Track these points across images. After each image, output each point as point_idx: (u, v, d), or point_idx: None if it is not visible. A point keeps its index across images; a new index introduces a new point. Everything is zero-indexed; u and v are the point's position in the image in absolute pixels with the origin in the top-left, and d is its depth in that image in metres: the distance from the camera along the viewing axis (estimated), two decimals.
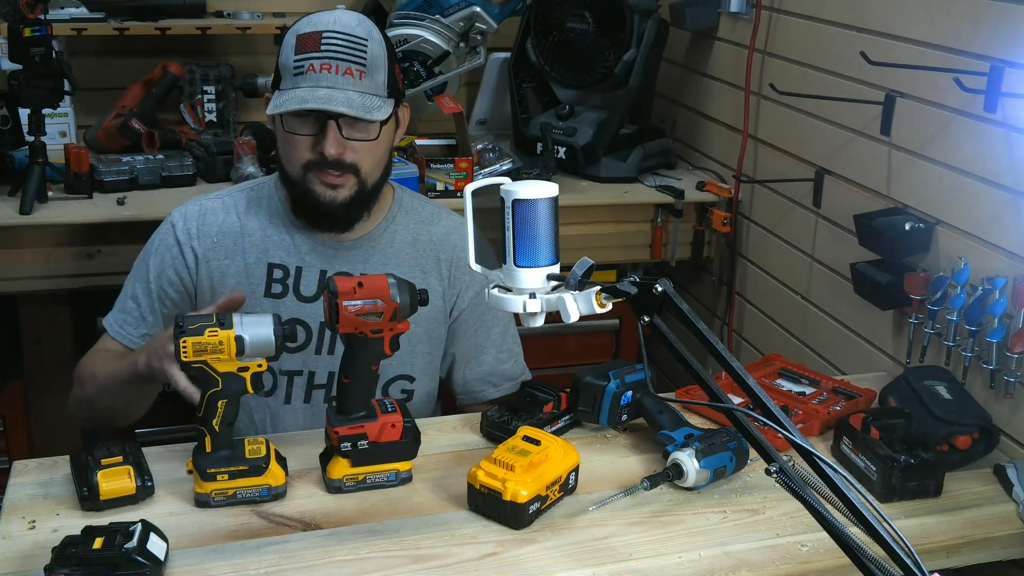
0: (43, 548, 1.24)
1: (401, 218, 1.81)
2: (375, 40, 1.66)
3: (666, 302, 1.18)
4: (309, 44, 1.63)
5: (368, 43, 1.64)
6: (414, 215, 1.82)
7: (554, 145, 2.73)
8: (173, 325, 1.38)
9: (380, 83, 1.65)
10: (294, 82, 1.62)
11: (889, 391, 1.74)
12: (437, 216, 1.85)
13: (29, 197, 2.25)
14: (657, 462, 1.56)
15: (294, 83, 1.62)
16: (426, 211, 1.85)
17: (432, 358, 1.84)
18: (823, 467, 1.09)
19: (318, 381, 1.77)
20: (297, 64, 1.62)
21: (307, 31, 1.64)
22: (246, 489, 1.40)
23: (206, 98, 2.83)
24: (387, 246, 1.78)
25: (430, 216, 1.84)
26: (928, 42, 1.89)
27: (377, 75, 1.65)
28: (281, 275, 1.75)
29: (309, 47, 1.62)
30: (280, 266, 1.75)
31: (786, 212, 2.43)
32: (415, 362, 1.80)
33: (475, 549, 1.33)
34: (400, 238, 1.79)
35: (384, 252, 1.77)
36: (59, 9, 2.57)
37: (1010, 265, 1.70)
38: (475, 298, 1.83)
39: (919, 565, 1.04)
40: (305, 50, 1.62)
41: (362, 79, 1.62)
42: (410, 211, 1.82)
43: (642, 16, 2.66)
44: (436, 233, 1.82)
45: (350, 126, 1.63)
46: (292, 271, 1.75)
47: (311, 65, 1.61)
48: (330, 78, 1.61)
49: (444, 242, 1.82)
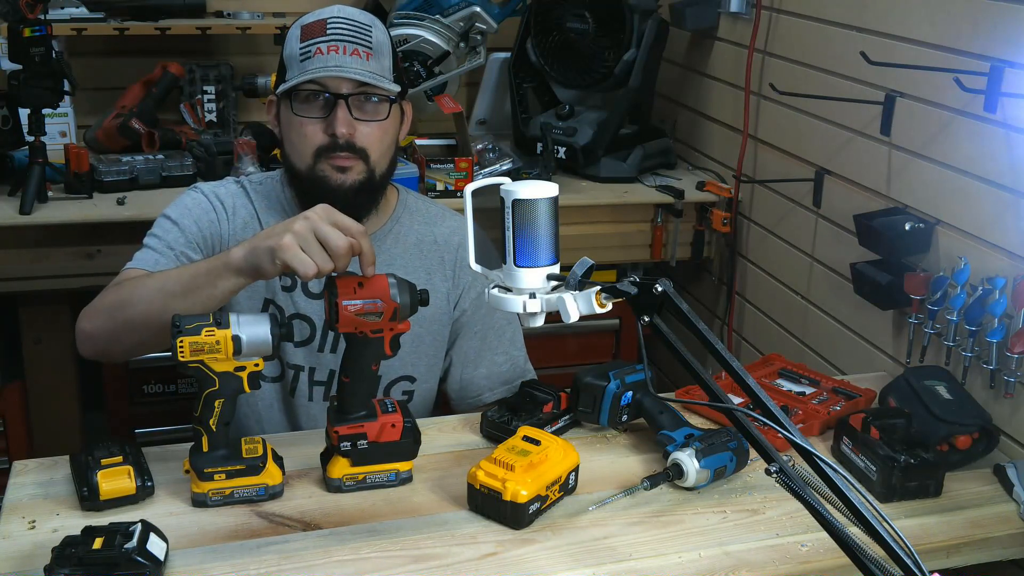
0: (43, 548, 1.24)
1: (406, 219, 1.80)
2: (379, 28, 1.67)
3: (666, 302, 1.18)
4: (315, 30, 1.62)
5: (373, 29, 1.65)
6: (419, 216, 1.82)
7: (554, 145, 2.73)
8: (170, 324, 1.36)
9: (387, 67, 1.65)
10: (302, 67, 1.61)
11: (889, 391, 1.74)
12: (441, 217, 1.84)
13: (29, 197, 2.25)
14: (657, 462, 1.56)
15: (301, 69, 1.61)
16: (431, 212, 1.84)
17: (435, 360, 1.83)
18: (823, 467, 1.09)
19: (318, 378, 1.77)
20: (304, 50, 1.62)
21: (311, 20, 1.64)
22: (243, 488, 1.40)
23: (206, 98, 2.83)
24: (392, 246, 1.77)
25: (435, 217, 1.83)
26: (928, 42, 1.89)
27: (383, 59, 1.65)
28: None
29: (316, 33, 1.62)
30: None
31: (786, 212, 2.43)
32: (418, 363, 1.80)
33: (475, 549, 1.33)
34: (405, 239, 1.79)
35: (389, 252, 1.76)
36: (59, 9, 2.57)
37: (1010, 265, 1.70)
38: (477, 299, 1.82)
39: (919, 565, 1.04)
40: (312, 36, 1.62)
41: (369, 60, 1.62)
42: (415, 212, 1.82)
43: (642, 16, 2.67)
44: (441, 234, 1.82)
45: (359, 108, 1.63)
46: None
47: (318, 48, 1.60)
48: (338, 58, 1.60)
49: (448, 243, 1.81)
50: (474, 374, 1.85)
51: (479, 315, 1.83)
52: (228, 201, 1.73)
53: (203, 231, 1.70)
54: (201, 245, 1.69)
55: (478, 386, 1.85)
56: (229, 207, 1.72)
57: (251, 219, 1.73)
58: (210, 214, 1.70)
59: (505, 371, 1.86)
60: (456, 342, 1.84)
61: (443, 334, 1.82)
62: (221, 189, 1.75)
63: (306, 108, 1.63)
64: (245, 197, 1.75)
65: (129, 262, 1.67)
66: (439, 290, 1.78)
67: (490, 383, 1.85)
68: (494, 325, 1.84)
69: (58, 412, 2.59)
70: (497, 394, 1.84)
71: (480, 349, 1.84)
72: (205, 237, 1.70)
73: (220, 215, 1.71)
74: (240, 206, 1.73)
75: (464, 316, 1.82)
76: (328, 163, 1.64)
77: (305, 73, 1.60)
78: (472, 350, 1.84)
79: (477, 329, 1.84)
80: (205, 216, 1.70)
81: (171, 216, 1.70)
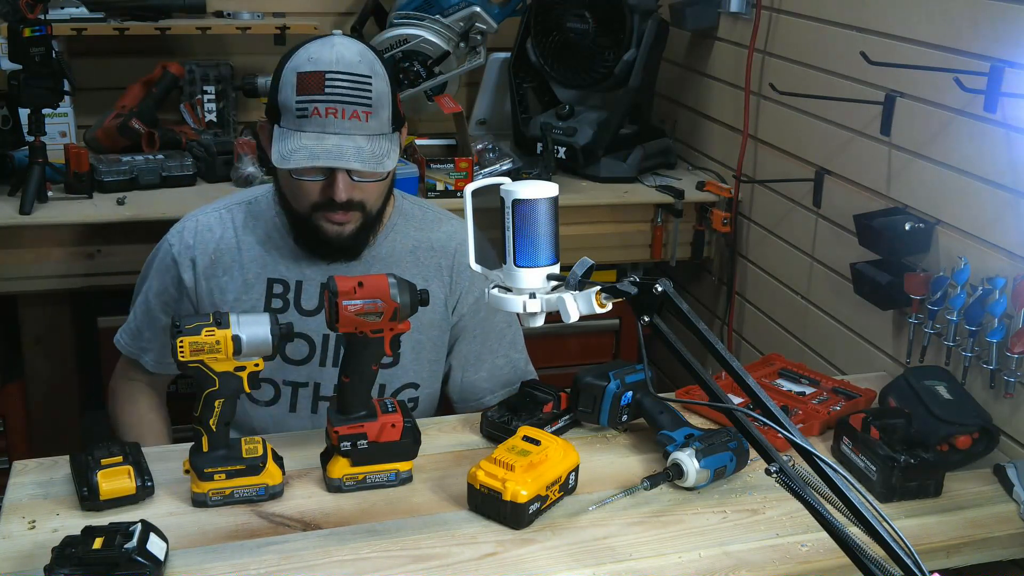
0: (43, 548, 1.24)
1: (401, 226, 1.79)
2: (379, 76, 1.61)
3: (666, 302, 1.18)
4: (312, 86, 1.57)
5: (372, 80, 1.59)
6: (414, 222, 1.81)
7: (554, 145, 2.73)
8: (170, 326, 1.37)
9: (385, 120, 1.61)
10: (298, 124, 1.57)
11: (889, 391, 1.74)
12: (438, 221, 1.83)
13: (29, 197, 2.25)
14: (657, 462, 1.56)
15: (298, 125, 1.57)
16: (427, 217, 1.83)
17: (436, 365, 1.83)
18: (823, 467, 1.09)
19: (324, 392, 1.77)
20: (300, 107, 1.57)
21: (308, 70, 1.57)
22: (243, 488, 1.40)
23: (206, 98, 2.83)
24: (387, 255, 1.76)
25: (431, 222, 1.82)
26: (928, 42, 1.89)
27: (382, 112, 1.61)
28: (281, 290, 1.74)
29: (312, 88, 1.57)
30: (280, 280, 1.74)
31: (786, 212, 2.43)
32: (420, 370, 1.80)
33: (475, 549, 1.33)
34: (400, 246, 1.78)
35: (385, 261, 1.75)
36: (59, 9, 2.57)
37: (1010, 265, 1.70)
38: (475, 304, 1.81)
39: (919, 565, 1.04)
40: (308, 91, 1.57)
41: (368, 120, 1.58)
42: (410, 218, 1.81)
43: (642, 16, 2.66)
44: (437, 239, 1.80)
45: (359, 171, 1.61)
46: (292, 285, 1.74)
47: (315, 109, 1.56)
48: (336, 123, 1.56)
49: (445, 248, 1.80)
50: (475, 377, 1.85)
51: (478, 318, 1.83)
52: (191, 241, 1.75)
53: (170, 289, 1.77)
54: (176, 298, 1.77)
55: (479, 389, 1.85)
56: (192, 251, 1.74)
57: (225, 249, 1.74)
58: (172, 270, 1.76)
59: (506, 373, 1.86)
60: (455, 346, 1.84)
61: (442, 339, 1.82)
62: (190, 226, 1.77)
63: (305, 171, 1.61)
64: (223, 225, 1.76)
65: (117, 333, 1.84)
66: (437, 296, 1.78)
67: (491, 386, 1.85)
68: (494, 328, 1.84)
69: (58, 412, 2.58)
70: (498, 396, 1.84)
71: (480, 352, 1.84)
72: (172, 294, 1.77)
73: (182, 265, 1.75)
74: (210, 240, 1.75)
75: (463, 320, 1.82)
76: (325, 217, 1.65)
77: (303, 150, 1.56)
78: (472, 353, 1.84)
79: (476, 332, 1.83)
80: (167, 274, 1.76)
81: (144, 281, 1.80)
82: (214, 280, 1.74)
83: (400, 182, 2.47)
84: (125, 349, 1.83)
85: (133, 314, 1.82)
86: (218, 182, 2.51)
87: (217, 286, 1.74)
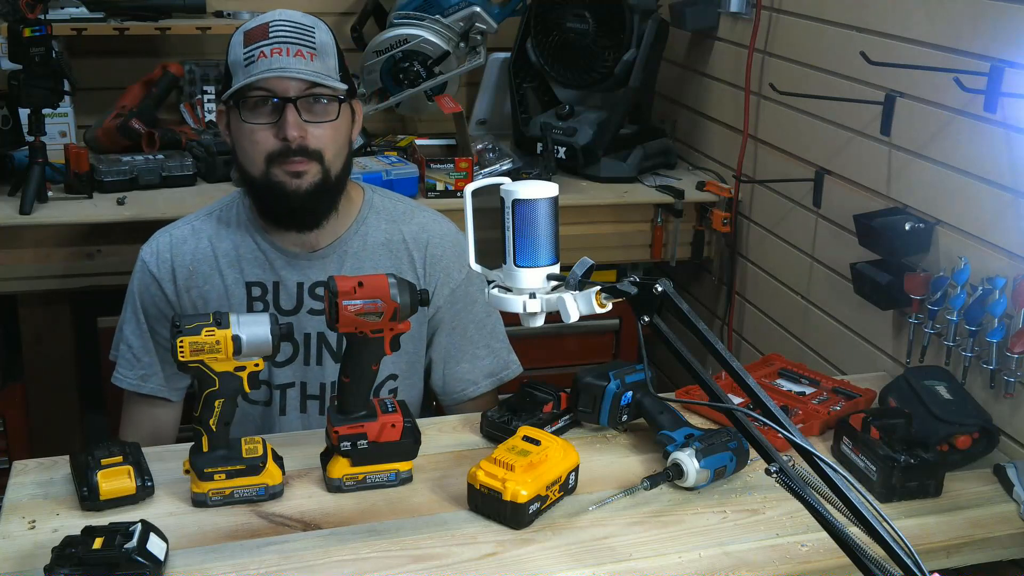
0: (43, 548, 1.24)
1: (372, 219, 1.78)
2: (322, 28, 1.67)
3: (666, 302, 1.18)
4: (257, 34, 1.62)
5: (316, 30, 1.65)
6: (385, 215, 1.80)
7: (554, 145, 2.73)
8: (170, 326, 1.38)
9: (332, 67, 1.65)
10: (246, 72, 1.60)
11: (889, 391, 1.74)
12: (410, 214, 1.82)
13: (29, 197, 2.25)
14: (657, 462, 1.56)
15: (246, 73, 1.60)
16: (398, 210, 1.82)
17: (415, 357, 1.82)
18: (823, 467, 1.09)
19: (311, 392, 1.77)
20: (247, 54, 1.61)
21: (254, 25, 1.65)
22: (243, 488, 1.40)
23: (206, 98, 2.83)
24: (359, 249, 1.76)
25: (402, 215, 1.81)
26: (928, 42, 1.89)
27: (328, 59, 1.64)
28: (260, 292, 1.74)
29: (258, 37, 1.62)
30: (257, 283, 1.74)
31: (786, 212, 2.43)
32: (398, 360, 1.78)
33: (475, 549, 1.33)
34: (372, 240, 1.77)
35: (357, 256, 1.75)
36: (59, 9, 2.57)
37: (1010, 265, 1.70)
38: (450, 296, 1.81)
39: (919, 565, 1.04)
40: (254, 40, 1.62)
41: (314, 60, 1.61)
42: (381, 211, 1.80)
43: (642, 16, 2.66)
44: (409, 232, 1.79)
45: (308, 110, 1.62)
46: (269, 287, 1.74)
47: (261, 52, 1.60)
48: (282, 60, 1.59)
49: (417, 240, 1.79)
50: (456, 369, 1.85)
51: (454, 310, 1.82)
52: (167, 257, 1.75)
53: (158, 303, 1.77)
54: (161, 317, 1.77)
55: (462, 380, 1.85)
56: (169, 266, 1.75)
57: (201, 259, 1.75)
58: (151, 288, 1.77)
59: (488, 364, 1.86)
60: (434, 339, 1.84)
61: (420, 332, 1.81)
62: (164, 241, 1.77)
63: (255, 115, 1.62)
64: (196, 236, 1.76)
65: (113, 373, 1.80)
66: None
67: (474, 377, 1.85)
68: (473, 319, 1.84)
69: (58, 412, 2.58)
70: (482, 387, 1.85)
71: (461, 344, 1.84)
72: (156, 314, 1.77)
73: (162, 279, 1.76)
74: (186, 252, 1.75)
75: (439, 313, 1.82)
76: (281, 168, 1.64)
77: (250, 77, 1.59)
78: (452, 346, 1.84)
79: (455, 325, 1.83)
80: (149, 291, 1.77)
81: (129, 304, 1.79)
82: (195, 290, 1.75)
83: (400, 182, 2.48)
84: (128, 383, 1.78)
85: (125, 346, 1.78)
86: (218, 182, 2.51)
87: (199, 296, 1.75)
